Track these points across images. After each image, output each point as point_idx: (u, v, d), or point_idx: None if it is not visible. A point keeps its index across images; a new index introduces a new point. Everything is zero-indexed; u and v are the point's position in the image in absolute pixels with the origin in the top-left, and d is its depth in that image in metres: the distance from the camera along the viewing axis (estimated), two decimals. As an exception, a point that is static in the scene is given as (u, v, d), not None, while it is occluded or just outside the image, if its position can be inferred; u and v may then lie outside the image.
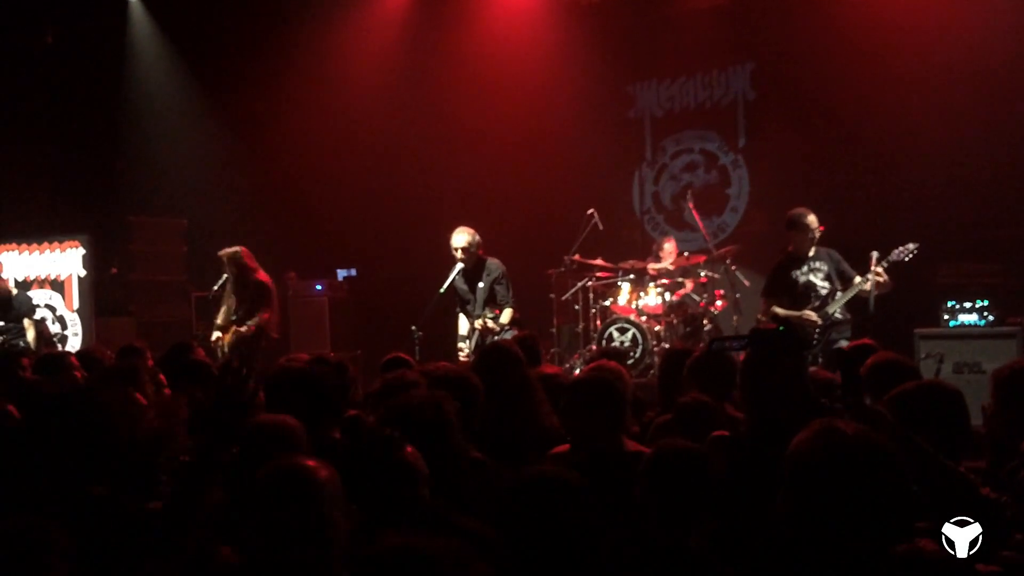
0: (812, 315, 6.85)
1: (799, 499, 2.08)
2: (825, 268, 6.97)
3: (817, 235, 6.95)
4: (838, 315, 6.89)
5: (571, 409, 3.54)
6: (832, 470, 2.03)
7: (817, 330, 6.82)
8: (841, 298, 6.86)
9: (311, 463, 2.32)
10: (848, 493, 2.00)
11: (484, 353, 4.53)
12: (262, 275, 8.64)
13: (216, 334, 8.55)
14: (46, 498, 2.67)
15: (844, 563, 2.00)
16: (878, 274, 6.64)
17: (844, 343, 6.45)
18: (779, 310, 6.97)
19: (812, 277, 6.96)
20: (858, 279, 6.77)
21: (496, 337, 7.28)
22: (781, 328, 3.70)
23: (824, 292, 6.93)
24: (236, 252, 8.54)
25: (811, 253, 7.00)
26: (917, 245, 6.73)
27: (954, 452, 3.01)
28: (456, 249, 7.58)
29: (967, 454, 3.18)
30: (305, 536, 2.18)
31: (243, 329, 8.42)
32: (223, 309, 8.63)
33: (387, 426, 2.84)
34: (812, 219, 6.93)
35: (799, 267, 6.99)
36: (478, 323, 7.51)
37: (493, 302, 7.64)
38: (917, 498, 2.30)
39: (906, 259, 6.72)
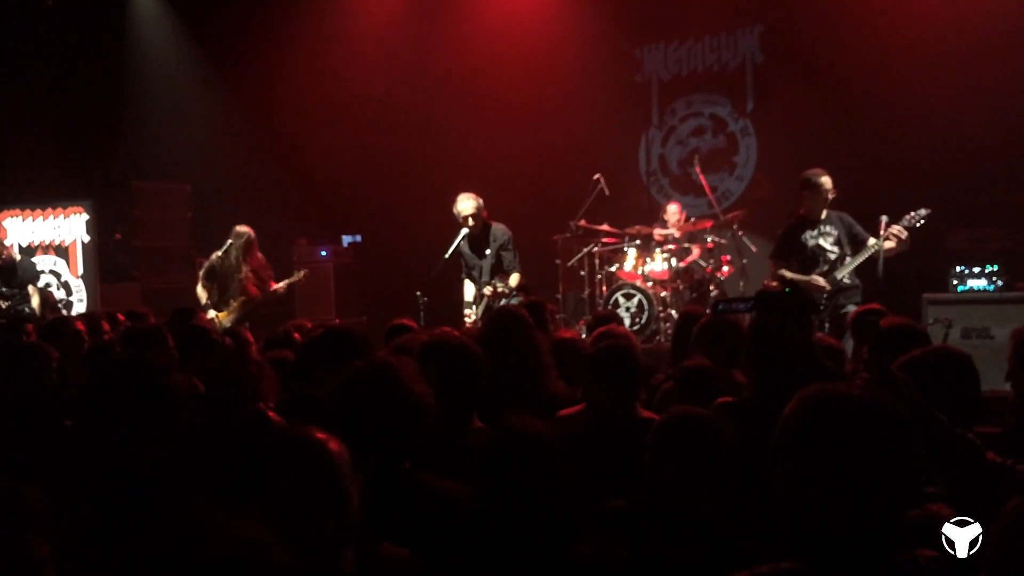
0: (820, 280, 6.78)
1: (789, 466, 1.97)
2: (835, 233, 6.88)
3: (830, 197, 6.84)
4: (847, 280, 6.82)
5: (589, 378, 3.53)
6: (825, 435, 1.88)
7: (825, 295, 6.77)
8: (851, 262, 6.78)
9: (321, 435, 2.28)
10: (844, 457, 1.85)
11: (492, 317, 4.52)
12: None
13: (212, 313, 8.15)
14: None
15: (853, 527, 1.94)
16: (897, 233, 6.55)
17: (852, 308, 6.39)
18: (787, 273, 6.90)
19: (822, 241, 6.88)
20: (872, 241, 6.68)
21: (503, 302, 7.25)
22: (787, 290, 3.65)
23: (833, 257, 6.85)
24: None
25: (823, 216, 6.90)
26: (929, 210, 6.63)
27: (964, 418, 2.98)
28: (465, 217, 7.51)
29: (978, 420, 3.15)
30: (325, 508, 2.13)
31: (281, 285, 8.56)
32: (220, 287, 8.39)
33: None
34: (826, 180, 6.81)
35: (810, 230, 6.90)
36: (487, 290, 7.47)
37: (500, 269, 7.59)
38: (923, 463, 2.23)
39: (917, 224, 6.64)
